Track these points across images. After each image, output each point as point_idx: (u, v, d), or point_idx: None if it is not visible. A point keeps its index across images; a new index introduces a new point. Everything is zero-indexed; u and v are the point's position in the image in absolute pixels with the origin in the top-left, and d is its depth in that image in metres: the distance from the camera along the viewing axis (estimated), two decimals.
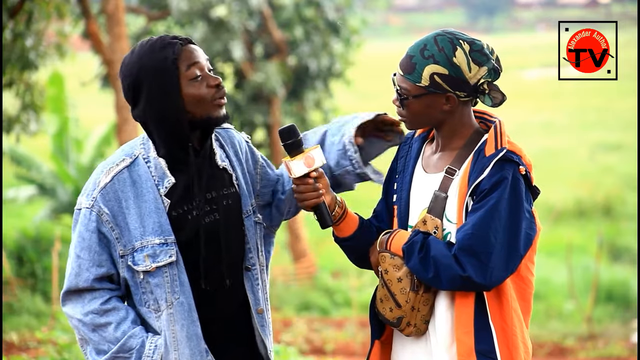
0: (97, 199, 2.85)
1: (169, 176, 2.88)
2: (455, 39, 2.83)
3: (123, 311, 2.87)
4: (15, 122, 10.81)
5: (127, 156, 2.90)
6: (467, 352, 2.77)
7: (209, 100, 2.85)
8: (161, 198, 2.86)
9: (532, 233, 2.80)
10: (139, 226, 2.85)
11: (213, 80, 2.85)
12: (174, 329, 2.86)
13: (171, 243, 2.85)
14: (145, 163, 2.88)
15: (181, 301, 2.86)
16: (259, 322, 2.98)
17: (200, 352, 2.88)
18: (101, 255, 2.86)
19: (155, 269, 2.85)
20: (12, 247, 14.01)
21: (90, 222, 2.85)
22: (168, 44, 2.84)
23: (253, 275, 2.98)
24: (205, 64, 2.88)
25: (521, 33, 51.16)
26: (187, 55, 2.84)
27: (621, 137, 27.74)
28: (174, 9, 14.24)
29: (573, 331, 13.64)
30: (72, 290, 2.88)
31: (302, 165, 2.84)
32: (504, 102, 2.87)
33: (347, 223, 2.94)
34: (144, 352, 2.84)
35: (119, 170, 2.87)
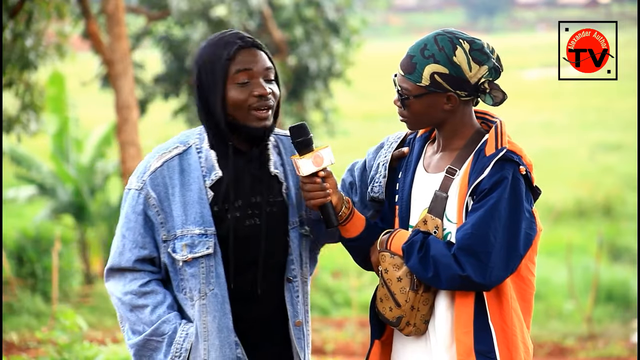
0: (147, 182, 2.89)
1: (217, 169, 2.90)
2: (455, 38, 2.83)
3: (161, 295, 2.90)
4: (15, 122, 10.81)
5: (181, 144, 2.93)
6: (466, 352, 2.77)
7: (247, 108, 2.85)
8: (206, 190, 2.88)
9: (532, 233, 2.80)
10: (182, 214, 2.87)
11: (259, 90, 2.85)
12: (206, 319, 2.88)
13: (211, 235, 2.87)
14: (197, 153, 2.91)
15: (215, 292, 2.88)
16: (296, 334, 2.97)
17: (229, 344, 2.89)
18: (145, 238, 2.89)
19: (192, 259, 2.87)
20: (12, 247, 14.01)
21: (137, 204, 2.89)
22: (228, 43, 2.86)
23: (294, 287, 2.97)
24: (261, 72, 2.87)
25: (521, 33, 51.16)
26: (242, 59, 2.86)
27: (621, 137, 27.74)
28: (174, 9, 14.24)
29: (573, 331, 13.64)
30: (114, 269, 2.94)
31: (311, 164, 2.85)
32: (505, 100, 2.87)
33: (353, 223, 2.94)
34: (175, 339, 2.87)
35: (170, 157, 2.91)
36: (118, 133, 10.76)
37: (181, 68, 15.41)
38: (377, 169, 3.02)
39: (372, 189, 3.02)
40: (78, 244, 16.26)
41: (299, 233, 2.99)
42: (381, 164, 3.02)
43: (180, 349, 2.87)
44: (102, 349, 6.18)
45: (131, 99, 10.58)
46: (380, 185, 3.00)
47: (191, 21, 14.80)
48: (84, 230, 16.36)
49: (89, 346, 6.07)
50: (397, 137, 3.06)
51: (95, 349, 6.08)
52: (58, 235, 14.08)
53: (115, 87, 10.58)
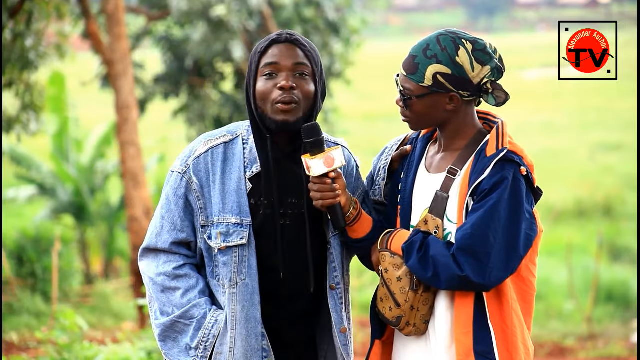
0: (190, 166, 2.91)
1: (258, 163, 2.91)
2: (458, 38, 2.83)
3: (194, 279, 2.91)
4: (15, 122, 10.81)
5: (229, 133, 2.96)
6: (465, 352, 2.77)
7: (272, 101, 2.87)
8: (245, 180, 2.90)
9: (532, 234, 2.80)
10: (220, 202, 2.88)
11: (282, 82, 2.87)
12: (235, 308, 2.89)
13: (246, 225, 2.88)
14: (243, 144, 2.93)
15: (246, 283, 2.88)
16: (342, 341, 2.97)
17: (256, 335, 2.89)
18: (184, 222, 2.90)
19: (225, 248, 2.88)
20: (12, 247, 14.01)
21: (179, 188, 2.91)
22: (267, 38, 2.92)
23: (337, 294, 2.98)
24: (289, 66, 2.89)
25: (521, 33, 51.14)
26: (271, 52, 2.90)
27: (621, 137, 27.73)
28: (174, 9, 14.24)
29: (573, 331, 13.64)
30: (150, 249, 2.94)
31: (322, 165, 2.85)
32: (508, 101, 2.87)
33: (361, 224, 2.94)
34: (204, 324, 2.88)
35: (216, 145, 2.94)
36: (118, 133, 10.75)
37: (181, 68, 15.41)
38: (377, 172, 3.04)
39: (372, 192, 3.03)
40: (78, 244, 16.26)
41: (341, 241, 2.99)
42: (381, 167, 3.03)
43: (208, 335, 2.88)
44: (102, 349, 6.17)
45: (131, 98, 10.58)
46: (379, 189, 3.01)
47: (191, 21, 14.80)
48: (84, 230, 16.36)
49: (89, 346, 6.07)
50: (398, 139, 3.06)
51: (95, 349, 6.08)
52: (58, 235, 14.08)
53: (115, 87, 10.58)
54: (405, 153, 2.99)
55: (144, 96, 15.69)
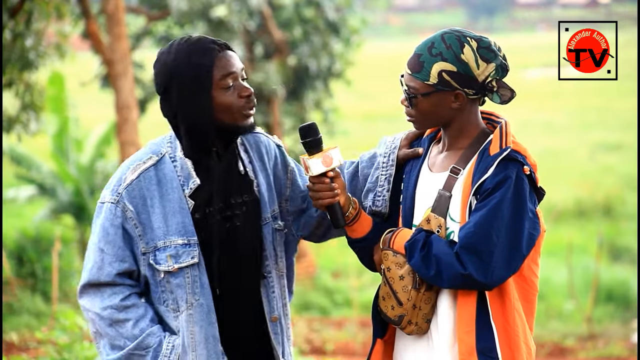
0: (123, 195, 2.86)
1: (195, 177, 2.89)
2: (463, 36, 2.83)
3: (142, 308, 2.87)
4: (15, 122, 10.81)
5: (154, 154, 2.91)
6: (468, 351, 2.77)
7: (237, 110, 2.86)
8: (185, 199, 2.87)
9: (535, 233, 2.79)
10: (163, 225, 2.85)
11: (245, 91, 2.86)
12: (193, 330, 2.87)
13: (194, 244, 2.86)
14: (172, 162, 2.90)
15: (201, 302, 2.87)
16: (273, 329, 2.97)
17: (216, 353, 2.88)
18: (124, 251, 2.86)
19: (178, 269, 2.85)
20: (12, 247, 14.00)
21: (115, 218, 2.86)
22: (206, 49, 2.84)
23: (269, 282, 2.97)
24: (239, 73, 2.88)
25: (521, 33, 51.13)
26: (223, 63, 2.85)
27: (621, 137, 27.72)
28: (174, 9, 14.24)
29: (573, 331, 13.63)
30: (92, 284, 2.88)
31: (320, 164, 2.85)
32: (514, 98, 2.86)
33: (360, 224, 2.94)
34: (161, 352, 2.84)
35: (145, 168, 2.88)
36: (118, 133, 10.75)
37: None
38: (376, 182, 3.00)
39: (374, 202, 2.99)
40: (78, 244, 16.25)
41: (272, 228, 2.99)
42: (383, 178, 2.99)
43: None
44: None
45: (131, 99, 10.58)
46: (383, 200, 2.98)
47: (191, 21, 14.79)
48: (84, 230, 16.35)
49: (89, 346, 6.07)
50: (393, 147, 3.03)
51: (95, 349, 6.07)
52: (58, 235, 14.08)
53: (115, 87, 10.58)
54: (418, 155, 2.98)
55: (144, 96, 15.69)
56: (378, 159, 3.03)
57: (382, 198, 2.98)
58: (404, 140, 3.02)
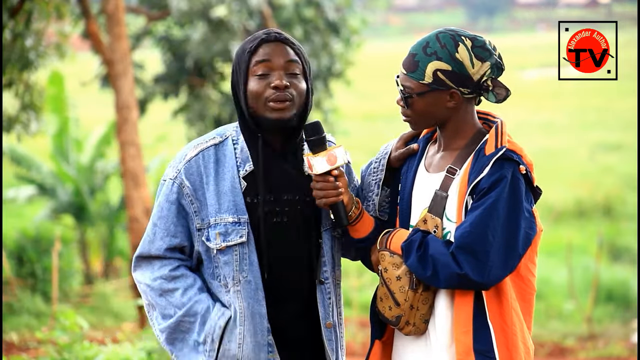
0: (181, 171, 2.91)
1: (251, 161, 2.92)
2: (457, 35, 2.84)
3: (191, 278, 2.91)
4: (15, 122, 10.82)
5: (218, 135, 2.97)
6: (465, 351, 2.77)
7: (263, 99, 2.88)
8: (239, 179, 2.90)
9: (531, 233, 2.80)
10: (215, 203, 2.89)
11: (275, 81, 2.88)
12: (241, 305, 2.89)
13: (244, 223, 2.88)
14: (233, 144, 2.94)
15: (249, 279, 2.89)
16: (327, 336, 2.97)
17: (262, 330, 2.90)
18: (177, 227, 2.91)
19: (225, 247, 2.89)
20: (12, 247, 14.01)
21: (171, 193, 2.91)
22: (256, 37, 2.91)
23: (325, 288, 2.98)
24: (280, 64, 2.89)
25: (521, 33, 51.15)
26: (262, 51, 2.89)
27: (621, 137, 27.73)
28: (174, 9, 14.24)
29: (573, 331, 13.64)
30: (143, 256, 2.94)
31: (325, 163, 2.86)
32: (509, 97, 2.87)
33: (363, 223, 2.94)
34: (209, 317, 2.88)
35: (206, 147, 2.94)
36: (118, 133, 10.75)
37: (181, 68, 15.41)
38: (369, 187, 3.03)
39: (365, 207, 3.02)
40: (78, 244, 16.26)
41: (331, 235, 2.99)
42: (373, 182, 3.02)
43: (215, 326, 2.87)
44: (102, 349, 6.17)
45: (131, 99, 10.58)
46: (374, 204, 3.00)
47: (191, 21, 14.80)
48: (84, 230, 16.36)
49: (89, 346, 6.07)
50: (385, 152, 3.04)
51: (95, 349, 6.08)
52: (58, 235, 14.08)
53: (115, 87, 10.58)
54: (413, 152, 2.99)
55: (144, 96, 15.69)
56: (372, 164, 3.06)
57: (371, 203, 3.01)
58: (398, 142, 3.04)
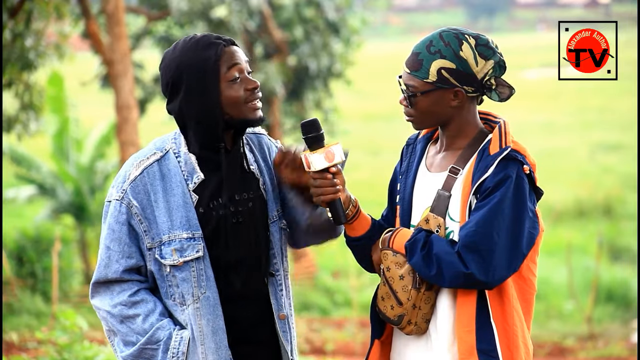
0: (127, 191, 2.88)
1: (199, 172, 2.90)
2: (461, 34, 2.84)
3: (151, 303, 2.89)
4: (15, 122, 10.82)
5: (158, 150, 2.93)
6: (468, 350, 2.77)
7: (244, 103, 2.87)
8: (189, 193, 2.89)
9: (534, 232, 2.80)
10: (167, 220, 2.87)
11: (251, 84, 2.88)
12: (201, 323, 2.88)
13: (198, 238, 2.87)
14: (176, 158, 2.91)
15: (207, 296, 2.88)
16: (281, 327, 2.98)
17: (224, 346, 2.90)
18: (130, 247, 2.88)
19: (183, 263, 2.87)
20: (12, 247, 14.01)
21: (120, 215, 2.88)
22: (212, 43, 2.87)
23: (277, 280, 2.98)
24: (245, 66, 2.90)
25: (521, 33, 51.16)
26: (229, 56, 2.87)
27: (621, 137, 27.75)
28: (174, 9, 14.25)
29: (573, 331, 13.65)
30: (101, 282, 2.90)
31: (323, 160, 2.85)
32: (513, 94, 2.87)
33: (360, 222, 2.94)
34: (170, 345, 2.86)
35: (149, 164, 2.90)
36: (118, 133, 10.77)
37: None
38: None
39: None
40: (78, 244, 16.26)
41: (279, 227, 3.00)
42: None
43: (177, 353, 2.86)
44: (102, 349, 6.18)
45: (131, 99, 10.59)
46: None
47: (191, 21, 14.80)
48: (84, 230, 16.36)
49: (89, 346, 6.07)
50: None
51: (95, 349, 6.08)
52: (58, 235, 14.09)
53: (115, 87, 10.59)
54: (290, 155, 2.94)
55: (144, 96, 15.70)
56: None
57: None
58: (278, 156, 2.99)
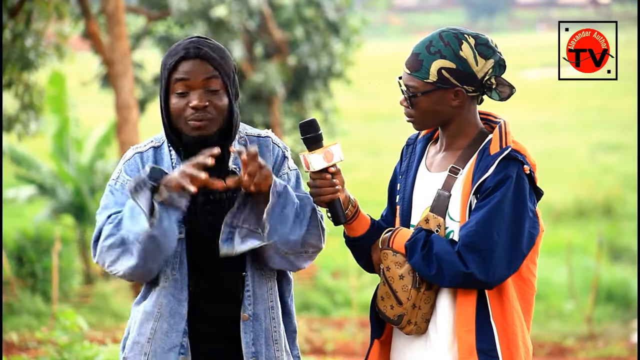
0: (122, 171, 2.92)
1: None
2: (460, 33, 2.84)
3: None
4: (15, 122, 10.82)
5: (155, 140, 2.98)
6: (468, 350, 2.77)
7: (184, 119, 2.86)
8: None
9: (535, 232, 2.80)
10: None
11: (193, 101, 2.84)
12: (161, 302, 2.88)
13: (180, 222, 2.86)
14: (169, 148, 2.94)
15: (176, 278, 2.88)
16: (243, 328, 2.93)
17: (177, 330, 2.88)
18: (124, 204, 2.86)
19: None
20: (12, 247, 14.02)
21: (115, 190, 2.90)
22: (176, 53, 2.88)
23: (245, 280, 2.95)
24: (199, 82, 2.85)
25: (521, 33, 51.16)
26: (182, 69, 2.86)
27: (621, 137, 27.75)
28: (174, 9, 14.25)
29: (573, 331, 13.66)
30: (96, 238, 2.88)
31: (321, 160, 2.85)
32: (513, 93, 2.86)
33: (359, 222, 2.94)
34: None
35: (145, 149, 2.95)
36: (118, 133, 10.77)
37: None
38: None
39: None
40: (78, 244, 16.27)
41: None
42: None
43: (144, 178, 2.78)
44: (102, 349, 6.18)
45: (131, 98, 10.59)
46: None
47: (191, 21, 14.80)
48: (84, 230, 16.37)
49: (89, 346, 6.07)
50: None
51: (95, 349, 6.08)
52: (58, 235, 14.09)
53: (115, 87, 10.59)
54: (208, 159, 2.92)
55: (144, 96, 15.70)
56: None
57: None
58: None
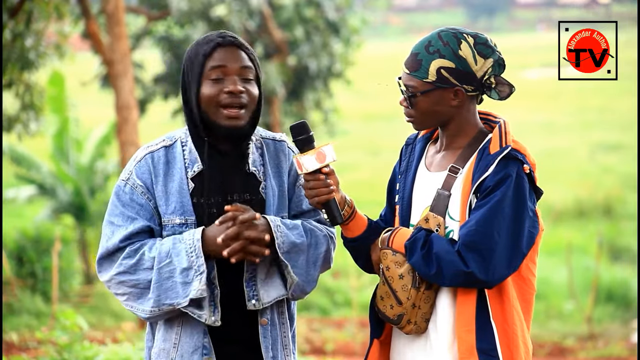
0: (133, 172, 2.91)
1: (199, 162, 2.91)
2: (459, 33, 2.84)
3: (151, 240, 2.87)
4: (15, 122, 10.82)
5: (167, 138, 2.97)
6: (468, 350, 2.77)
7: (216, 104, 2.86)
8: (187, 180, 2.90)
9: (534, 232, 2.80)
10: (163, 204, 2.89)
11: (229, 86, 2.85)
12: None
13: (191, 224, 2.88)
14: (182, 146, 2.93)
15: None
16: (262, 333, 2.95)
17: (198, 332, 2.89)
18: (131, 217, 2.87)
19: None
20: (12, 247, 14.01)
21: (124, 194, 2.89)
22: (209, 40, 2.88)
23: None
24: (235, 69, 2.87)
25: (521, 33, 51.15)
26: (218, 56, 2.87)
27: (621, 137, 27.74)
28: (174, 9, 14.24)
29: (573, 331, 13.65)
30: (104, 256, 2.89)
31: (314, 161, 2.85)
32: (513, 92, 2.86)
33: (356, 223, 2.93)
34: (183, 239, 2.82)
35: (156, 149, 2.94)
36: (118, 133, 10.76)
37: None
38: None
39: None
40: (78, 244, 16.26)
41: None
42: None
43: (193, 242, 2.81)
44: (102, 349, 6.18)
45: (131, 99, 10.59)
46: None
47: (191, 21, 14.80)
48: (84, 230, 16.36)
49: (89, 346, 6.07)
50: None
51: (95, 349, 6.08)
52: (58, 235, 14.09)
53: (115, 87, 10.58)
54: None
55: (144, 96, 15.69)
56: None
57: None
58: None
